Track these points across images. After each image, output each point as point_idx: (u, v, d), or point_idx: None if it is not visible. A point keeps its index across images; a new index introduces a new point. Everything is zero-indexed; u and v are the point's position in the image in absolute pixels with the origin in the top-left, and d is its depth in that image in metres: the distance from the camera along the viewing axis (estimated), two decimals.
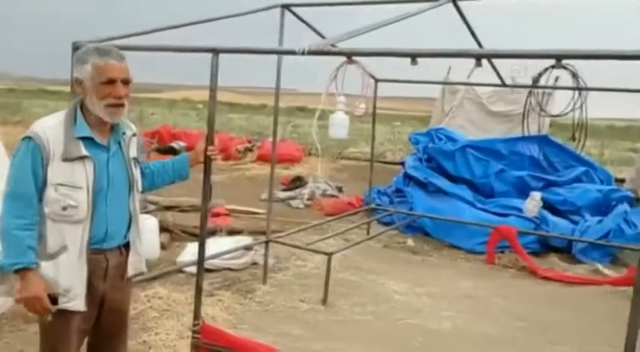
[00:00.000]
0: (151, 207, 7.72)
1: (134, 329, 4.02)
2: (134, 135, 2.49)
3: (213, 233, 6.45)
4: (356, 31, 2.82)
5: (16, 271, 2.16)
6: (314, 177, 10.33)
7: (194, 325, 2.95)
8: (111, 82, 2.25)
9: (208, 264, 5.37)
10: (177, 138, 14.67)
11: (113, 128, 2.38)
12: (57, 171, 2.20)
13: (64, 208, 2.20)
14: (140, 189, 2.51)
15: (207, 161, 2.84)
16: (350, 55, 3.03)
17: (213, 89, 2.79)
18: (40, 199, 2.21)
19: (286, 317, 4.58)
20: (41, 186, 2.20)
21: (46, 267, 2.22)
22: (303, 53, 2.44)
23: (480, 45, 4.96)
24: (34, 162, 2.18)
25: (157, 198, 7.90)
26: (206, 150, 2.83)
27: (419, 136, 9.12)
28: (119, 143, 2.39)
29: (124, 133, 2.42)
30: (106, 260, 2.35)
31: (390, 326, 4.54)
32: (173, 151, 12.66)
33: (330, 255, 5.01)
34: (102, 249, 2.33)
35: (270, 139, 5.33)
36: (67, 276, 2.24)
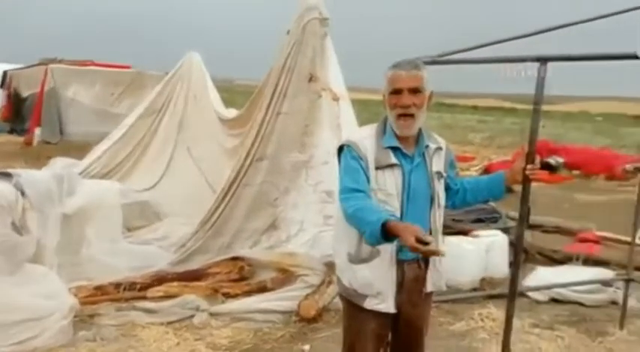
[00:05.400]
0: (511, 224, 7.48)
1: (460, 346, 3.98)
2: (439, 148, 2.44)
3: (568, 259, 5.83)
4: None
5: (383, 228, 2.07)
6: None
7: None
8: (397, 92, 2.27)
9: (555, 293, 4.91)
10: (555, 153, 13.81)
11: (418, 140, 2.39)
12: (373, 178, 2.30)
13: None
14: (442, 204, 2.44)
15: (526, 181, 2.57)
16: None
17: (537, 102, 2.52)
18: None
19: None
20: (368, 188, 2.27)
21: (360, 269, 2.35)
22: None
23: None
24: (360, 166, 2.30)
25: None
26: (525, 169, 2.58)
27: None
28: (423, 155, 2.38)
29: (427, 146, 2.39)
30: (402, 271, 2.36)
31: None
32: (549, 167, 11.96)
33: None
34: (398, 260, 2.34)
35: None
36: (380, 279, 2.33)
